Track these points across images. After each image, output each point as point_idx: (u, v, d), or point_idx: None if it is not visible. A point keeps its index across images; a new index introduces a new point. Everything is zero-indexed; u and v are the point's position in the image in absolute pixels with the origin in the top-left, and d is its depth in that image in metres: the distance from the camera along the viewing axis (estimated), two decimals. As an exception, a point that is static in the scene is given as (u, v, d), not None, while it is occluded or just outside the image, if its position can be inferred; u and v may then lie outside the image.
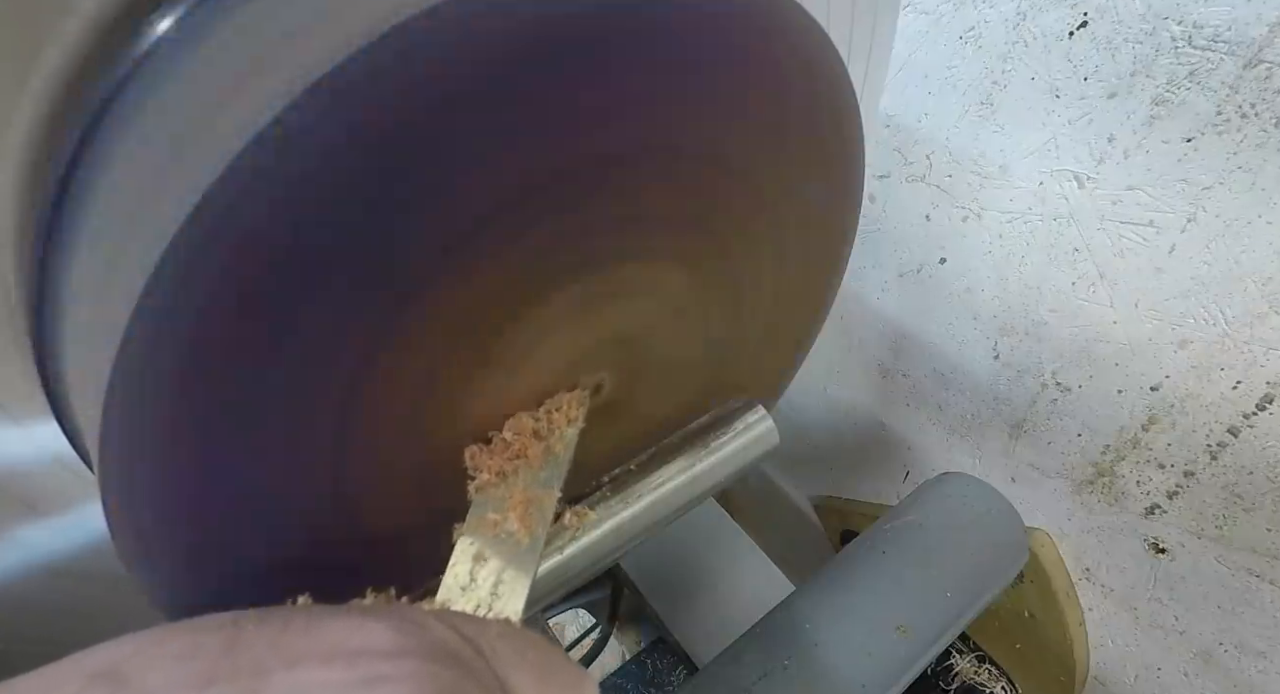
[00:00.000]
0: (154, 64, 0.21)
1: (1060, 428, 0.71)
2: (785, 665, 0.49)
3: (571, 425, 0.30)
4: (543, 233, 0.24)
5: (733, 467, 0.39)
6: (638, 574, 0.81)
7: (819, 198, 0.34)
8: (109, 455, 0.21)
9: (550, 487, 0.28)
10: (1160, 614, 0.68)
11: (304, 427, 0.23)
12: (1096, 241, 0.61)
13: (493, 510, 0.27)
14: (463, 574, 0.25)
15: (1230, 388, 0.56)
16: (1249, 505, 0.58)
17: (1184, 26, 0.51)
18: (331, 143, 0.18)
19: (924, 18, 0.68)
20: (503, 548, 0.26)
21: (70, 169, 0.21)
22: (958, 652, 0.79)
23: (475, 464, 0.28)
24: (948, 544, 0.57)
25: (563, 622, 1.28)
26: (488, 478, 0.28)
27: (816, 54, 0.29)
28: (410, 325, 0.23)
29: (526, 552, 0.26)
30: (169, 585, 0.24)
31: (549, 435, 0.29)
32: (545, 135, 0.22)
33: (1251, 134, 0.50)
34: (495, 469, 0.28)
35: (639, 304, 0.31)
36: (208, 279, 0.19)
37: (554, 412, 0.30)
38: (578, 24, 0.21)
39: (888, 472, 0.94)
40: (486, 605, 0.24)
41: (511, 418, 0.29)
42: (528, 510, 0.27)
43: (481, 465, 0.28)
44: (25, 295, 0.23)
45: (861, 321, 0.89)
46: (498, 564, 0.25)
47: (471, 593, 0.24)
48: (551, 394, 0.30)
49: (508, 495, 0.27)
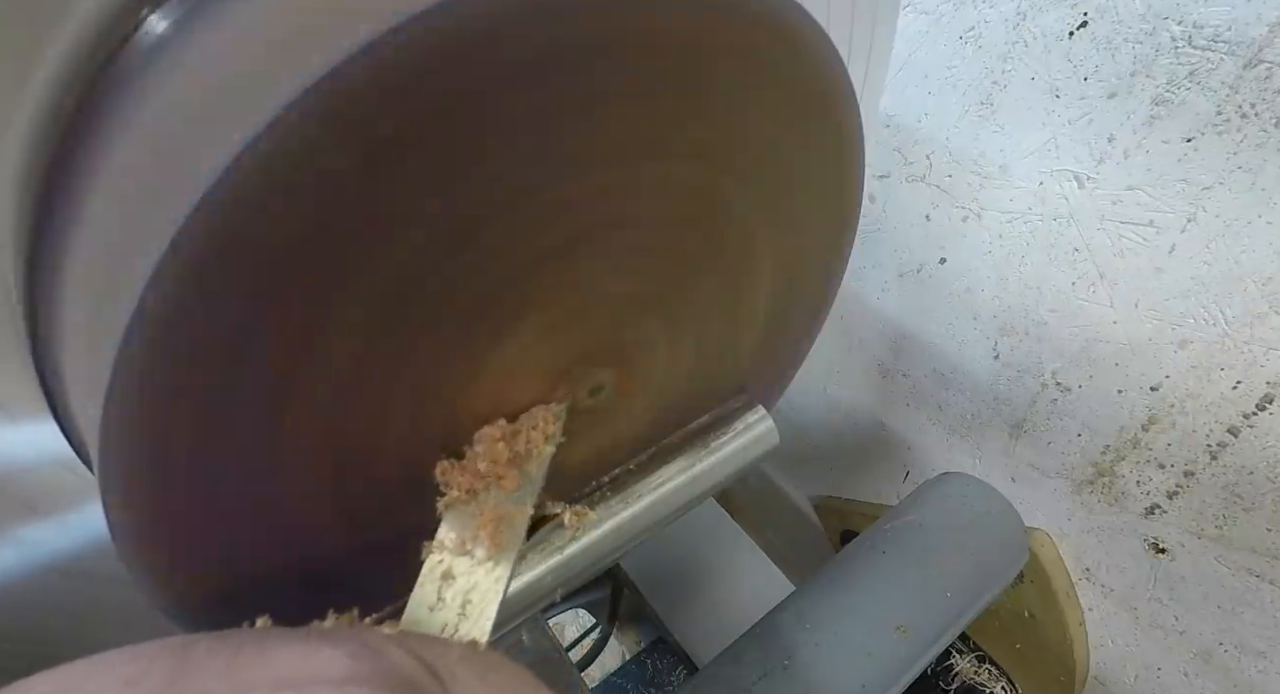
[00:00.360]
0: (153, 65, 0.21)
1: (1060, 428, 0.71)
2: (785, 665, 0.49)
3: (549, 442, 0.29)
4: (537, 235, 0.24)
5: (733, 467, 0.39)
6: (638, 574, 0.81)
7: (818, 198, 0.34)
8: (109, 455, 0.21)
9: (523, 503, 0.27)
10: (1160, 614, 0.68)
11: (304, 426, 0.23)
12: (1096, 241, 0.61)
13: (462, 528, 0.26)
14: (430, 594, 0.24)
15: (1230, 388, 0.56)
16: (1249, 505, 0.58)
17: (1184, 26, 0.51)
18: (331, 144, 0.18)
19: (924, 18, 0.68)
20: (472, 567, 0.25)
21: (70, 169, 0.21)
22: (958, 652, 0.79)
23: (446, 480, 0.27)
24: (948, 544, 0.57)
25: (563, 622, 1.28)
26: (457, 495, 0.27)
27: (816, 54, 0.29)
28: (411, 327, 0.23)
29: (496, 571, 0.25)
30: (169, 585, 0.24)
31: (523, 454, 0.28)
32: (542, 135, 0.22)
33: (1251, 134, 0.50)
34: (465, 486, 0.27)
35: (637, 305, 0.31)
36: (208, 279, 0.19)
37: (529, 429, 0.28)
38: (577, 24, 0.21)
39: (888, 472, 0.94)
40: (454, 627, 0.23)
41: (484, 431, 0.28)
42: (498, 528, 0.26)
43: (452, 481, 0.27)
44: (25, 295, 0.23)
45: (861, 321, 0.89)
46: (466, 584, 0.24)
47: (439, 613, 0.24)
48: (542, 400, 0.29)
49: (478, 512, 0.26)
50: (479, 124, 0.20)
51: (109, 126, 0.21)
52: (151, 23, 0.21)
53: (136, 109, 0.21)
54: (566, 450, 0.33)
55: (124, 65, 0.21)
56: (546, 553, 0.32)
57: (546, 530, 0.33)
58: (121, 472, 0.21)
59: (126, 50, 0.21)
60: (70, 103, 0.21)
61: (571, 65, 0.21)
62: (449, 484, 0.27)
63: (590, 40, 0.21)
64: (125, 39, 0.21)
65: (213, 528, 0.24)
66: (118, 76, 0.21)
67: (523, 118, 0.21)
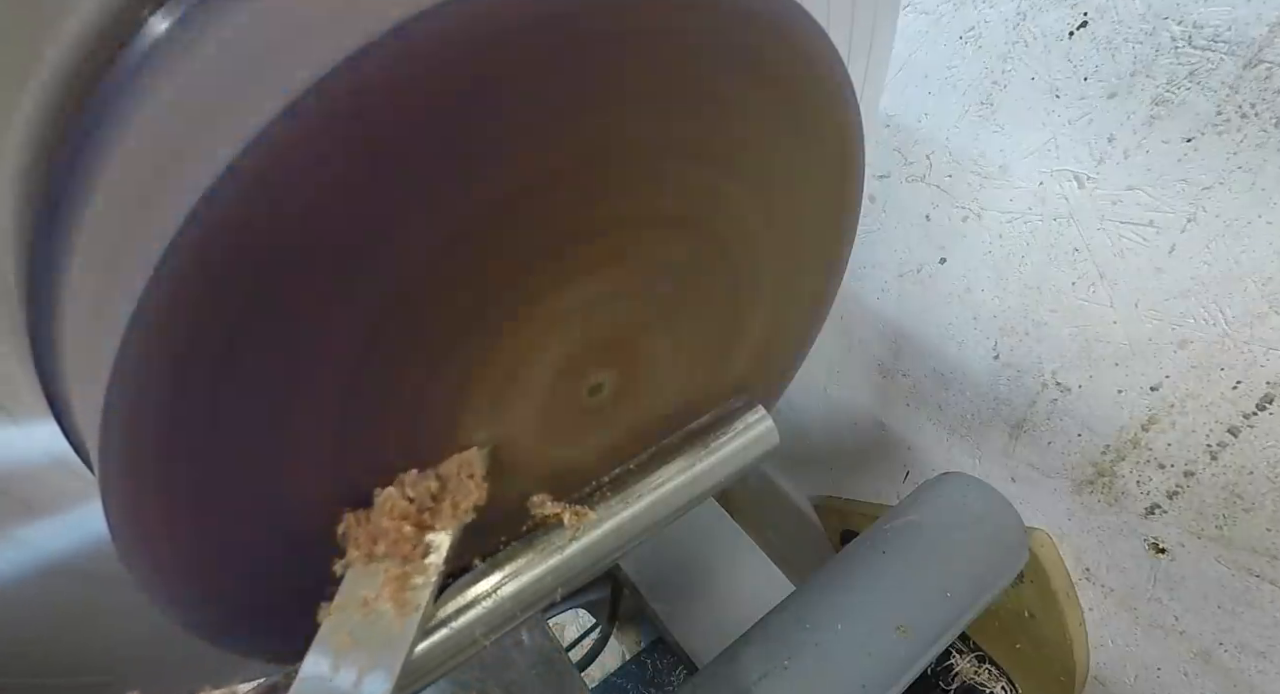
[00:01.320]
0: (153, 65, 0.21)
1: (1060, 428, 0.71)
2: (785, 665, 0.49)
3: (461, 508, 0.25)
4: (531, 238, 0.24)
5: (733, 467, 0.39)
6: (638, 574, 0.81)
7: (818, 198, 0.34)
8: (109, 456, 0.21)
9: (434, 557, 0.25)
10: (1160, 614, 0.68)
11: (302, 426, 0.23)
12: (1096, 241, 0.61)
13: (366, 586, 0.24)
14: (323, 663, 0.22)
15: (1230, 388, 0.56)
16: (1249, 505, 0.58)
17: (1184, 26, 0.51)
18: (331, 145, 0.18)
19: (924, 18, 0.68)
20: (372, 632, 0.23)
21: (70, 169, 0.21)
22: (958, 652, 0.79)
23: (350, 536, 0.25)
24: (948, 544, 0.57)
25: (563, 622, 1.28)
26: (356, 555, 0.24)
27: (816, 54, 0.29)
28: (420, 327, 0.23)
29: (399, 636, 0.23)
30: (169, 585, 0.24)
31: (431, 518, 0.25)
32: (541, 133, 0.22)
33: (1251, 134, 0.50)
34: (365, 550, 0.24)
35: (637, 306, 0.30)
36: (207, 280, 0.19)
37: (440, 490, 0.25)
38: (576, 23, 0.21)
39: (888, 472, 0.94)
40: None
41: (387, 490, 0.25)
42: (403, 587, 0.24)
43: (354, 538, 0.24)
44: (25, 295, 0.23)
45: (861, 321, 0.89)
46: (362, 654, 0.22)
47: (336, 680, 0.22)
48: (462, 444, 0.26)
49: (382, 569, 0.24)
50: (479, 123, 0.20)
51: (109, 127, 0.21)
52: (151, 23, 0.21)
53: (136, 109, 0.21)
54: (567, 450, 0.33)
55: (124, 65, 0.21)
56: (546, 553, 0.32)
57: (547, 531, 0.33)
58: (122, 472, 0.21)
59: (126, 50, 0.21)
60: (70, 103, 0.21)
61: (570, 64, 0.21)
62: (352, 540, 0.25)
63: (589, 39, 0.21)
64: (125, 39, 0.21)
65: (213, 528, 0.24)
66: (118, 76, 0.21)
67: (518, 121, 0.21)
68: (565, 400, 0.31)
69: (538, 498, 0.32)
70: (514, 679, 0.61)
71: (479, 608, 0.29)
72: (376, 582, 0.24)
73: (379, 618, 0.23)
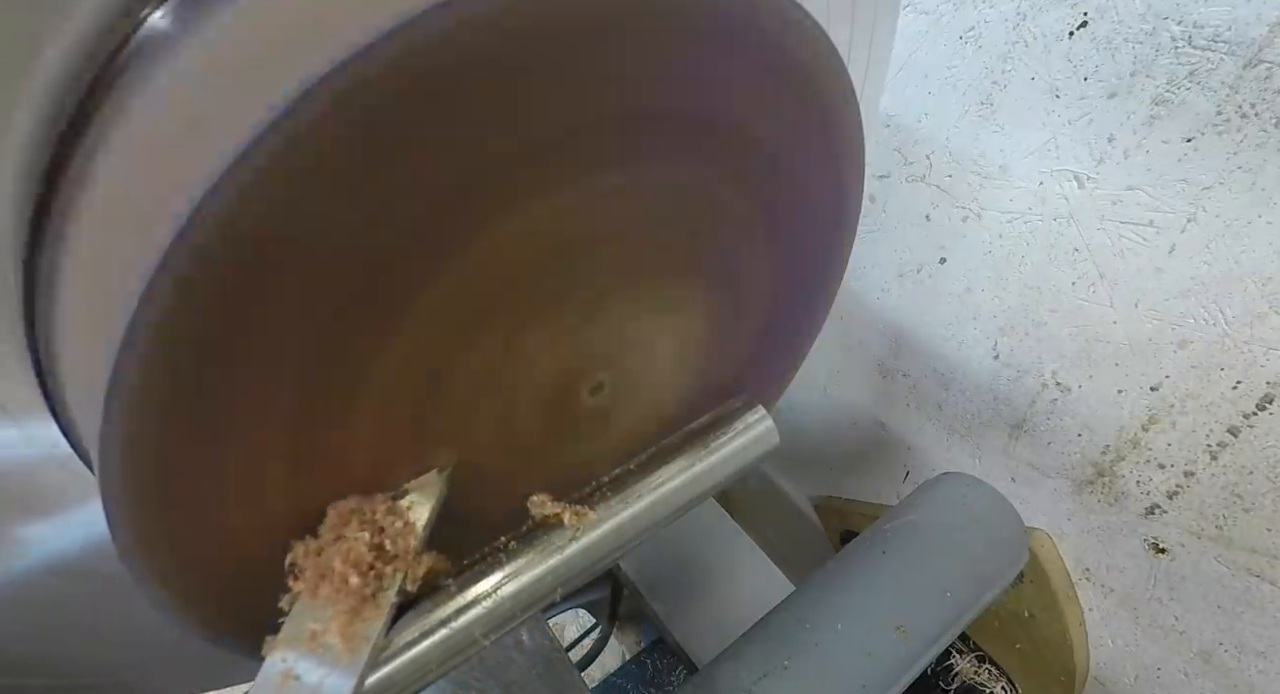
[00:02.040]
0: (153, 65, 0.21)
1: (1060, 428, 0.71)
2: (785, 665, 0.49)
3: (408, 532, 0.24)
4: (536, 238, 0.24)
5: (733, 467, 0.39)
6: (638, 574, 0.81)
7: (818, 198, 0.34)
8: (109, 456, 0.21)
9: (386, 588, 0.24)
10: (1160, 614, 0.68)
11: (302, 426, 0.23)
12: (1096, 241, 0.61)
13: (313, 619, 0.23)
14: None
15: (1230, 388, 0.56)
16: (1249, 505, 0.58)
17: (1184, 26, 0.51)
18: (331, 145, 0.18)
19: (924, 18, 0.68)
20: (319, 667, 0.22)
21: (70, 169, 0.21)
22: (958, 652, 0.79)
23: (300, 565, 0.24)
24: (948, 544, 0.57)
25: (563, 622, 1.28)
26: (301, 589, 0.23)
27: (816, 54, 0.29)
28: (416, 314, 0.23)
29: (345, 670, 0.22)
30: (169, 586, 0.24)
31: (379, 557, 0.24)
32: (539, 132, 0.22)
33: (1251, 134, 0.50)
34: (312, 585, 0.23)
35: (637, 307, 0.30)
36: (207, 280, 0.19)
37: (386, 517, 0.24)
38: (575, 22, 0.21)
39: (888, 472, 0.94)
40: None
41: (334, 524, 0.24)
42: (352, 621, 0.23)
43: (303, 569, 0.23)
44: (25, 296, 0.23)
45: (861, 322, 0.89)
46: (311, 686, 0.22)
47: None
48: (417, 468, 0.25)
49: (331, 602, 0.23)
50: (478, 127, 0.20)
51: (109, 126, 0.21)
52: (152, 22, 0.21)
53: (137, 109, 0.21)
54: (567, 450, 0.33)
55: (124, 65, 0.21)
56: (546, 553, 0.32)
57: (547, 531, 0.33)
58: (122, 473, 0.21)
59: (127, 50, 0.21)
60: (70, 103, 0.21)
61: (569, 62, 0.21)
62: (301, 570, 0.24)
63: (587, 39, 0.21)
64: (125, 39, 0.21)
65: (213, 529, 0.24)
66: (118, 76, 0.21)
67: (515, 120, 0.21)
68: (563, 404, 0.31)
69: (538, 498, 0.32)
70: (514, 679, 0.61)
71: (479, 608, 0.29)
72: (325, 615, 0.23)
73: (326, 651, 0.22)
